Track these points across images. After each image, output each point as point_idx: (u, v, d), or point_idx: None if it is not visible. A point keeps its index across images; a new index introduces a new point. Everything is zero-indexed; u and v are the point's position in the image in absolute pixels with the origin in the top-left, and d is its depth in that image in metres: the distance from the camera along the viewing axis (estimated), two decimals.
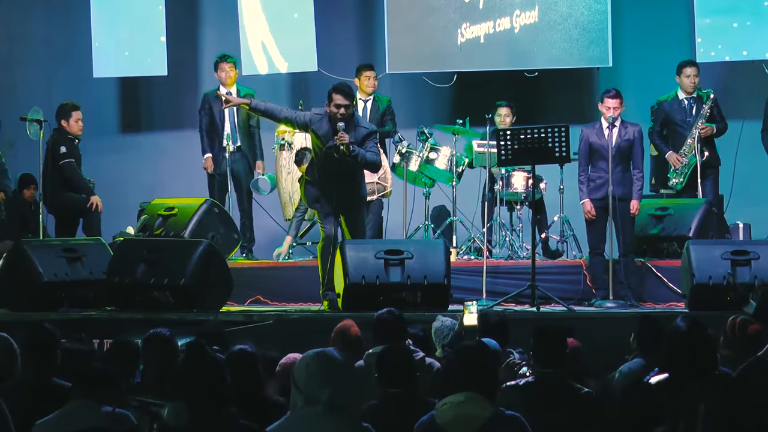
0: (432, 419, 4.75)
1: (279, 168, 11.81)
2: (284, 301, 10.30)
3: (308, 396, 4.42)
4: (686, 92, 11.14)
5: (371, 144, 9.36)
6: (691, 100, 11.15)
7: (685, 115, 11.15)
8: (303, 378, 4.45)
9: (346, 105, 9.22)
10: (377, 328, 6.98)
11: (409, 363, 5.77)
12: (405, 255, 9.39)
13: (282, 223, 12.14)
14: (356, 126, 9.35)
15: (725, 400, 4.86)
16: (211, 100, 11.75)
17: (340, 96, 9.24)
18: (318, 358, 4.49)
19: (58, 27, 14.05)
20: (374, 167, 9.64)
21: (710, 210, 10.79)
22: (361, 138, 9.30)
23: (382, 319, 7.00)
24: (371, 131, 9.43)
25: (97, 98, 13.60)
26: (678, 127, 11.16)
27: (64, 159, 11.27)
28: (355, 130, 9.30)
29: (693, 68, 11.17)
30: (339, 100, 9.23)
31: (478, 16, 12.79)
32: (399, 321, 6.98)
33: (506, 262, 10.91)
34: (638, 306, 9.92)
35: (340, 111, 9.20)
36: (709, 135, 11.05)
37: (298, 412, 4.46)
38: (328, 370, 4.44)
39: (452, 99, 13.32)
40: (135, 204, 12.15)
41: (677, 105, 11.20)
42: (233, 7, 13.23)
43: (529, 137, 9.76)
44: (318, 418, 4.41)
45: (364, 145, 9.29)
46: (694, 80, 11.11)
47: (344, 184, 9.34)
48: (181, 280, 9.41)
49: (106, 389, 5.27)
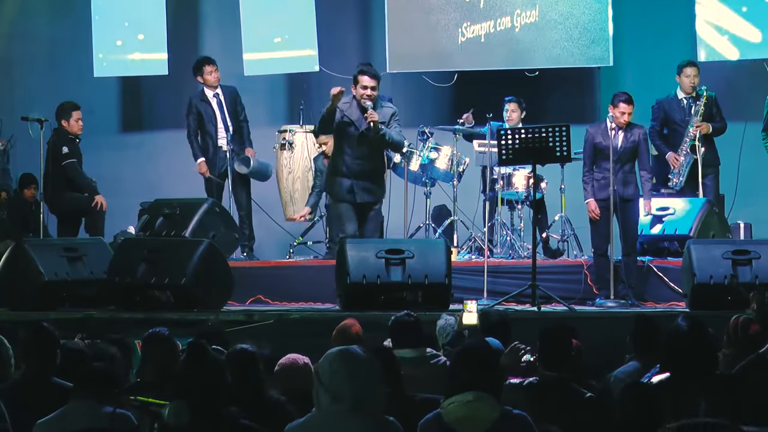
0: (438, 417, 4.76)
1: (280, 167, 11.82)
2: (285, 301, 10.30)
3: (334, 394, 4.43)
4: (685, 92, 11.18)
5: (395, 124, 9.57)
6: (690, 100, 11.17)
7: (684, 115, 11.18)
8: (328, 375, 4.45)
9: (372, 86, 9.42)
10: (396, 331, 6.81)
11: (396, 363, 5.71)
12: (406, 254, 9.39)
13: (282, 222, 12.14)
14: (381, 106, 9.54)
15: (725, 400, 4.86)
16: (197, 104, 11.69)
17: (367, 77, 9.45)
18: (342, 355, 4.50)
19: (59, 26, 14.05)
20: (399, 147, 9.83)
21: (711, 209, 10.80)
22: (388, 117, 9.52)
23: (402, 322, 6.83)
24: (395, 111, 9.63)
25: (98, 98, 13.60)
26: (677, 126, 11.20)
27: (67, 159, 11.27)
28: (381, 110, 9.50)
29: (693, 68, 11.19)
30: (366, 82, 9.44)
31: (478, 15, 12.78)
32: (418, 323, 6.88)
33: (507, 262, 10.90)
34: (639, 305, 9.93)
35: (367, 92, 9.37)
36: (706, 133, 11.05)
37: (324, 409, 4.47)
38: (353, 367, 4.45)
39: (453, 98, 13.31)
40: (136, 204, 12.15)
41: (676, 104, 11.23)
42: (234, 6, 13.23)
43: (530, 137, 9.75)
44: (344, 415, 4.43)
45: (389, 125, 9.47)
46: (693, 80, 11.14)
47: (371, 170, 9.51)
48: (182, 279, 9.41)
49: (106, 389, 5.26)
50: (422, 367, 6.45)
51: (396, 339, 6.78)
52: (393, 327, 6.85)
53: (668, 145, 11.19)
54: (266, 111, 13.38)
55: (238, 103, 11.72)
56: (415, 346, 6.65)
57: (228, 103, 11.65)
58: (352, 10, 13.71)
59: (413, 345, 6.64)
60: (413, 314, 6.91)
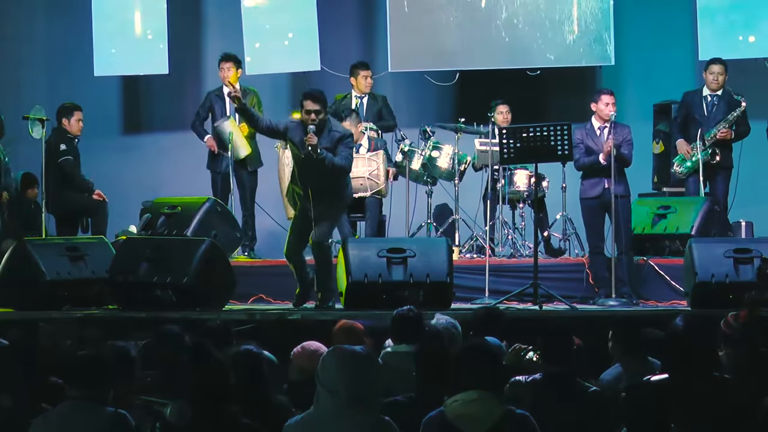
0: (442, 415, 4.77)
1: (281, 167, 11.82)
2: (287, 300, 10.30)
3: (329, 389, 4.45)
4: (710, 89, 11.18)
5: (343, 148, 9.30)
6: (715, 98, 11.18)
7: (706, 111, 11.17)
8: (325, 373, 4.49)
9: (316, 110, 9.19)
10: (397, 326, 6.85)
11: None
12: (408, 253, 9.41)
13: (282, 222, 12.13)
14: (330, 131, 9.31)
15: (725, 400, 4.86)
16: (212, 99, 11.86)
17: (310, 101, 9.22)
18: (341, 353, 4.53)
19: (60, 26, 14.06)
20: (342, 171, 9.44)
21: (712, 208, 10.80)
22: (335, 142, 9.28)
23: (404, 317, 6.87)
24: (344, 135, 9.37)
25: (99, 97, 13.61)
26: (695, 121, 11.19)
27: (63, 156, 11.32)
28: (329, 135, 9.28)
29: (718, 66, 11.20)
30: (309, 106, 9.21)
31: (480, 14, 12.79)
32: (420, 319, 6.91)
33: (509, 261, 10.91)
34: (639, 304, 9.93)
35: (310, 117, 9.19)
36: (727, 139, 11.07)
37: (320, 405, 4.50)
38: (348, 363, 4.48)
39: (454, 97, 13.32)
40: (137, 203, 12.15)
41: (699, 100, 11.23)
42: (235, 5, 13.24)
43: (532, 135, 9.76)
44: (339, 411, 4.45)
45: (336, 149, 9.27)
46: (717, 78, 11.16)
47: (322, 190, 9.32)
48: (184, 278, 9.41)
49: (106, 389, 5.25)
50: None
51: (396, 334, 6.82)
52: (394, 321, 6.89)
53: (685, 138, 11.20)
54: (268, 110, 13.33)
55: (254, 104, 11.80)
56: (415, 342, 6.67)
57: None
58: (354, 9, 13.72)
59: (413, 340, 6.66)
60: (414, 309, 6.93)
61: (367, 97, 11.95)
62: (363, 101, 11.91)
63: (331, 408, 4.46)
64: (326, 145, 9.20)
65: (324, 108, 9.29)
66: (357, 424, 4.46)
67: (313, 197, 9.30)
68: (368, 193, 11.28)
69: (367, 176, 11.19)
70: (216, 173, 11.89)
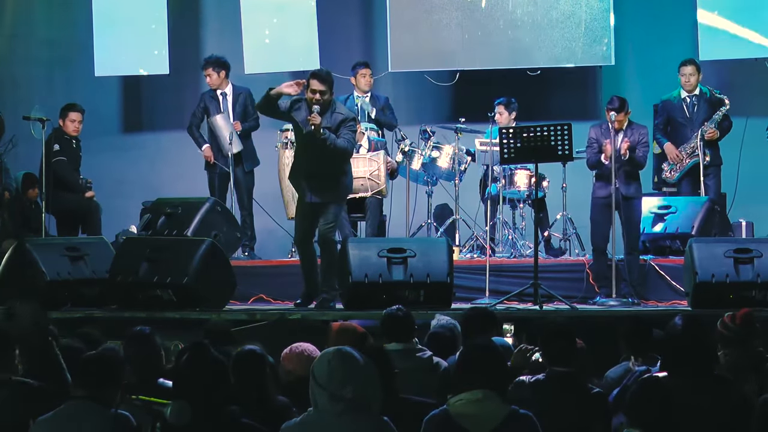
0: (446, 413, 4.78)
1: (281, 166, 11.81)
2: (287, 300, 10.30)
3: (331, 393, 4.44)
4: (687, 90, 11.22)
5: (345, 131, 9.30)
6: (694, 98, 11.20)
7: (686, 113, 11.21)
8: (325, 376, 4.47)
9: (321, 90, 9.21)
10: (387, 325, 6.92)
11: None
12: (408, 253, 9.40)
13: (282, 222, 12.13)
14: (333, 112, 9.32)
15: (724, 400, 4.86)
16: (207, 100, 11.82)
17: (317, 81, 9.23)
18: (339, 355, 4.52)
19: (60, 25, 14.05)
20: (344, 153, 9.41)
21: (713, 208, 10.81)
22: (337, 123, 9.28)
23: (393, 316, 6.94)
24: (347, 117, 9.36)
25: (99, 97, 13.61)
26: (679, 124, 11.23)
27: (56, 157, 11.34)
28: (332, 116, 9.29)
29: (689, 67, 11.27)
30: (315, 86, 9.22)
31: (480, 14, 12.79)
32: (409, 318, 6.95)
33: (509, 261, 10.91)
34: (640, 304, 9.93)
35: (315, 96, 9.21)
36: (714, 139, 11.11)
37: (320, 409, 4.48)
38: (350, 367, 4.47)
39: (454, 97, 13.32)
40: (137, 203, 12.16)
41: (678, 103, 11.27)
42: (235, 5, 13.24)
43: (532, 135, 9.76)
44: (340, 415, 4.44)
45: (339, 131, 9.28)
46: (689, 79, 11.22)
47: (323, 174, 9.34)
48: (184, 278, 9.41)
49: (114, 391, 5.25)
50: (408, 360, 6.51)
51: (387, 332, 6.88)
52: (384, 321, 6.97)
53: (673, 143, 11.24)
54: None
55: (248, 104, 11.79)
56: (405, 341, 6.71)
57: (234, 104, 11.75)
58: (354, 9, 13.72)
59: (403, 339, 6.71)
60: (404, 309, 6.99)
61: (367, 97, 11.94)
62: (364, 101, 11.91)
63: (332, 412, 4.45)
64: (328, 125, 9.22)
65: (330, 89, 9.29)
66: (358, 427, 4.45)
67: (312, 183, 9.30)
68: (369, 194, 11.28)
69: (367, 176, 11.19)
70: (213, 173, 11.87)
